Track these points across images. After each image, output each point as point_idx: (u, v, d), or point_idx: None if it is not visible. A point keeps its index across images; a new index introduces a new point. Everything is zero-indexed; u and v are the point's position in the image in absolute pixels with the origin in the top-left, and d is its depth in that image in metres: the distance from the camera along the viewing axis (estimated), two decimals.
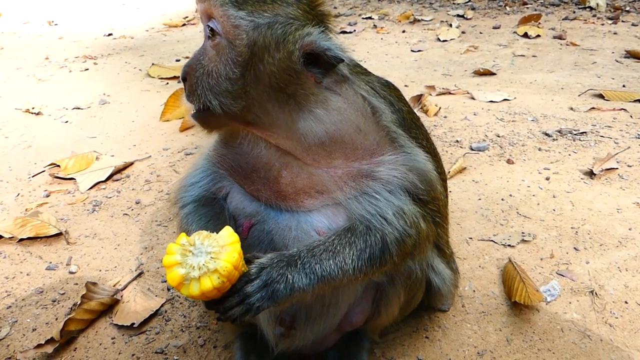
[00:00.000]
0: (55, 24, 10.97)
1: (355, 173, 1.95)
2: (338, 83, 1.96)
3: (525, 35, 8.32)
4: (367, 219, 1.91)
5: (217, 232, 1.70)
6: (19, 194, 4.15)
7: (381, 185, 1.94)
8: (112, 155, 4.69)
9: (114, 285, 3.05)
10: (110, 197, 4.05)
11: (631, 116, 5.01)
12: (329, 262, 1.85)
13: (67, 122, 5.61)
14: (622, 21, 8.95)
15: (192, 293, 1.61)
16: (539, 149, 4.49)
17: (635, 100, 5.36)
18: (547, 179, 4.01)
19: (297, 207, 2.00)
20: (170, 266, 1.64)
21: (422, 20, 9.80)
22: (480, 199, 3.81)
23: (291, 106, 1.89)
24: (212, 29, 1.85)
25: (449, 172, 4.11)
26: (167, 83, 6.81)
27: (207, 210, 2.13)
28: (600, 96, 5.55)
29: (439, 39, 8.49)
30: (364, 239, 1.90)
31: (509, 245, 3.28)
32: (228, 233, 1.69)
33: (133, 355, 2.60)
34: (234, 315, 1.74)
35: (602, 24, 8.85)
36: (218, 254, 1.63)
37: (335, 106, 1.94)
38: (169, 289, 3.04)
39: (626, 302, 2.79)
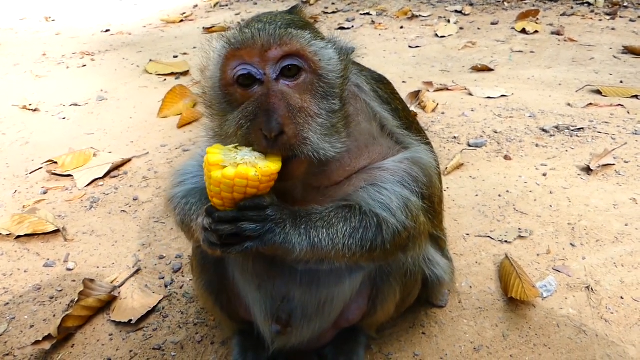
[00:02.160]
0: (53, 20, 10.94)
1: (366, 171, 1.98)
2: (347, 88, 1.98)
3: (523, 31, 8.31)
4: (370, 205, 1.90)
5: None
6: (16, 191, 4.15)
7: (389, 174, 1.95)
8: (110, 152, 4.69)
9: (112, 282, 3.06)
10: (107, 194, 4.05)
11: (628, 112, 5.02)
12: (322, 231, 1.83)
13: (64, 118, 5.60)
14: (620, 17, 8.94)
15: (227, 174, 1.61)
16: (536, 145, 4.49)
17: (632, 96, 5.37)
18: (544, 175, 4.02)
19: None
20: (213, 155, 1.65)
21: (420, 16, 9.79)
22: (477, 195, 3.81)
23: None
24: (293, 68, 1.74)
25: (447, 168, 4.11)
26: (165, 79, 6.80)
27: (200, 195, 2.05)
28: (598, 92, 5.55)
29: (437, 35, 8.48)
30: (359, 219, 1.88)
31: (505, 241, 3.29)
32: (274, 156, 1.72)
33: (131, 351, 2.61)
34: (223, 231, 1.69)
35: (600, 20, 8.84)
36: (262, 158, 1.67)
37: (354, 121, 1.97)
38: (166, 286, 3.05)
39: (622, 298, 2.80)
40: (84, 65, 7.57)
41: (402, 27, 9.17)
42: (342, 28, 9.05)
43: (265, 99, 1.71)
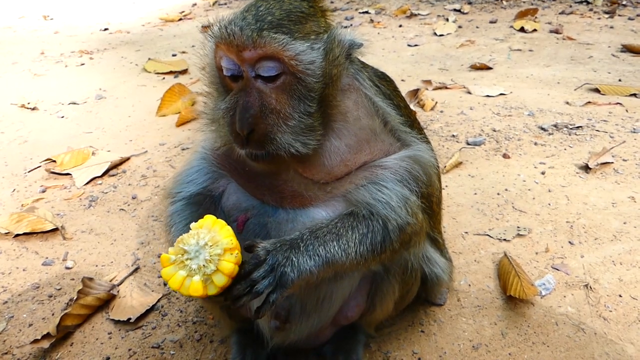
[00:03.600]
0: (51, 19, 10.92)
1: (366, 168, 1.98)
2: (347, 82, 1.98)
3: (522, 29, 8.31)
4: (372, 204, 1.91)
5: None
6: (14, 190, 4.14)
7: (390, 173, 1.96)
8: (109, 151, 4.68)
9: (111, 281, 3.06)
10: (106, 193, 4.05)
11: (627, 110, 5.02)
12: (332, 244, 1.83)
13: (63, 117, 5.60)
14: (619, 15, 8.95)
15: (220, 284, 1.58)
16: (535, 144, 4.49)
17: (631, 95, 5.38)
18: (543, 173, 4.03)
19: (301, 207, 2.01)
20: (180, 284, 1.59)
21: (418, 14, 9.79)
22: (476, 194, 3.82)
23: (327, 128, 1.91)
24: (271, 70, 1.73)
25: (445, 166, 4.12)
26: (164, 78, 6.79)
27: (194, 210, 2.10)
28: (596, 90, 5.56)
29: (435, 34, 8.48)
30: (366, 224, 1.89)
31: (504, 239, 3.30)
32: (206, 218, 1.67)
33: (129, 350, 2.61)
34: (244, 304, 1.69)
35: (599, 18, 8.85)
36: (213, 239, 1.59)
37: (353, 115, 1.97)
38: (165, 284, 3.05)
39: (620, 296, 2.80)
40: (83, 64, 7.55)
41: (400, 26, 9.16)
42: (343, 27, 9.03)
43: (242, 95, 1.75)
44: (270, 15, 1.74)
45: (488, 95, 5.61)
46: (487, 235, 3.35)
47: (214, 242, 1.59)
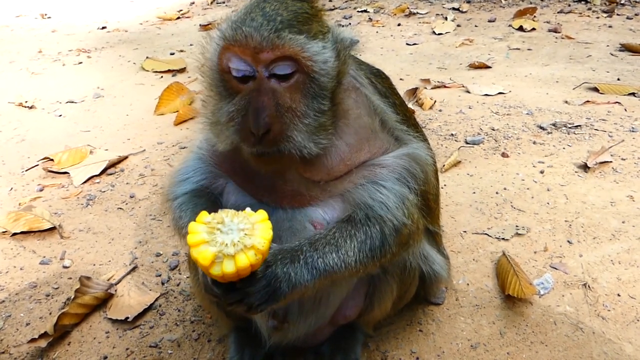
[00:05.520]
0: (49, 17, 10.90)
1: (365, 167, 1.98)
2: (347, 80, 1.98)
3: (521, 28, 8.31)
4: (370, 205, 1.91)
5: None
6: (12, 188, 4.13)
7: (388, 171, 1.96)
8: (106, 149, 4.67)
9: (108, 280, 3.05)
10: (104, 191, 4.04)
11: (625, 109, 5.02)
12: (332, 256, 1.83)
13: (60, 115, 5.58)
14: (617, 14, 8.95)
15: (227, 271, 1.52)
16: (534, 143, 4.49)
17: (629, 94, 5.37)
18: (542, 172, 4.02)
19: (300, 207, 2.00)
20: (196, 245, 1.53)
21: (417, 13, 9.78)
22: (474, 193, 3.81)
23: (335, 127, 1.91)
24: (286, 69, 1.72)
25: (444, 165, 4.11)
26: (162, 76, 6.77)
27: (201, 200, 2.08)
28: (595, 89, 5.56)
29: (434, 32, 8.48)
30: (363, 230, 1.89)
31: (503, 238, 3.29)
32: (259, 213, 1.63)
33: (127, 349, 2.60)
34: (234, 312, 1.73)
35: (597, 17, 8.85)
36: (252, 229, 1.56)
37: (355, 114, 1.97)
38: (163, 283, 3.04)
39: (619, 295, 2.80)
40: (80, 63, 7.53)
41: (399, 25, 9.16)
42: (339, 25, 9.01)
43: (255, 95, 1.71)
44: (279, 16, 1.71)
45: (487, 94, 5.61)
46: (486, 234, 3.35)
47: (250, 234, 1.55)
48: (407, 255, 2.15)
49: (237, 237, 1.53)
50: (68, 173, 4.28)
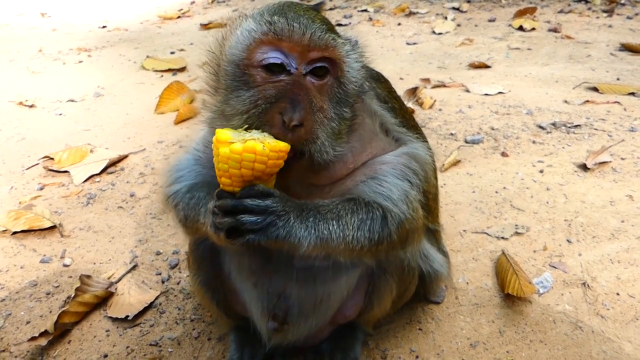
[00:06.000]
0: (49, 16, 10.90)
1: (366, 165, 1.99)
2: None
3: (521, 28, 8.32)
4: (373, 197, 1.91)
5: None
6: (12, 187, 4.14)
7: (389, 168, 1.97)
8: (107, 148, 4.67)
9: (109, 278, 3.05)
10: (104, 190, 4.04)
11: (625, 109, 5.03)
12: (332, 222, 1.80)
13: (61, 114, 5.59)
14: (617, 14, 8.95)
15: (234, 148, 1.58)
16: (533, 142, 4.50)
17: (629, 93, 5.38)
18: (541, 171, 4.03)
19: None
20: (223, 137, 1.63)
21: (417, 12, 9.78)
22: (474, 192, 3.82)
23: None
24: (323, 69, 1.76)
25: (444, 164, 4.12)
26: (162, 76, 6.78)
27: (201, 192, 2.01)
28: (595, 89, 5.56)
29: (434, 32, 8.48)
30: (366, 210, 1.87)
31: (502, 237, 3.30)
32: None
33: (127, 347, 2.61)
34: (223, 225, 1.67)
35: (597, 17, 8.85)
36: (271, 137, 1.65)
37: (359, 119, 1.99)
38: (163, 282, 3.05)
39: (618, 294, 2.81)
40: (81, 61, 7.54)
41: (399, 24, 9.16)
42: (339, 25, 9.03)
43: (292, 88, 1.71)
44: (319, 20, 1.79)
45: (486, 94, 5.61)
46: (485, 233, 3.35)
47: (267, 137, 1.66)
48: (407, 254, 2.14)
49: (256, 135, 1.65)
50: (68, 172, 4.29)
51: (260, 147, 1.59)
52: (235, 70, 1.80)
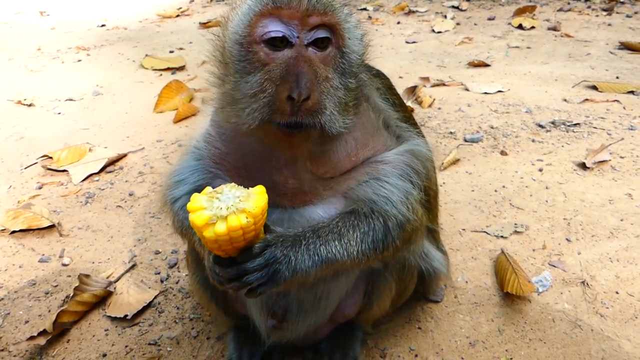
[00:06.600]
0: (48, 15, 10.88)
1: (368, 164, 1.98)
2: None
3: (520, 26, 8.31)
4: (373, 200, 1.91)
5: None
6: (11, 186, 4.13)
7: (391, 167, 1.96)
8: (106, 147, 4.66)
9: (107, 277, 3.05)
10: (103, 189, 4.04)
11: (624, 108, 5.03)
12: (334, 244, 1.82)
13: (59, 113, 5.58)
14: (617, 13, 8.95)
15: (219, 231, 1.54)
16: (533, 141, 4.50)
17: (628, 92, 5.38)
18: (540, 170, 4.03)
19: (300, 205, 1.99)
20: (195, 210, 1.57)
21: (417, 11, 9.78)
22: (473, 190, 3.82)
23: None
24: (324, 40, 1.73)
25: (443, 163, 4.11)
26: (161, 74, 6.77)
27: None
28: (594, 88, 5.56)
29: (433, 31, 8.48)
30: (367, 222, 1.89)
31: (501, 236, 3.30)
32: (257, 187, 1.66)
33: (126, 346, 2.60)
34: (231, 288, 1.71)
35: (597, 16, 8.85)
36: (247, 197, 1.59)
37: (362, 107, 1.98)
38: (162, 281, 3.04)
39: (617, 293, 2.81)
40: (80, 60, 7.52)
41: (398, 23, 9.16)
42: None
43: (294, 62, 1.68)
44: None
45: (486, 93, 5.61)
46: (485, 232, 3.35)
47: (244, 200, 1.58)
48: (409, 253, 2.14)
49: (231, 202, 1.57)
50: (67, 171, 4.28)
51: (243, 220, 1.55)
52: (240, 50, 1.77)
